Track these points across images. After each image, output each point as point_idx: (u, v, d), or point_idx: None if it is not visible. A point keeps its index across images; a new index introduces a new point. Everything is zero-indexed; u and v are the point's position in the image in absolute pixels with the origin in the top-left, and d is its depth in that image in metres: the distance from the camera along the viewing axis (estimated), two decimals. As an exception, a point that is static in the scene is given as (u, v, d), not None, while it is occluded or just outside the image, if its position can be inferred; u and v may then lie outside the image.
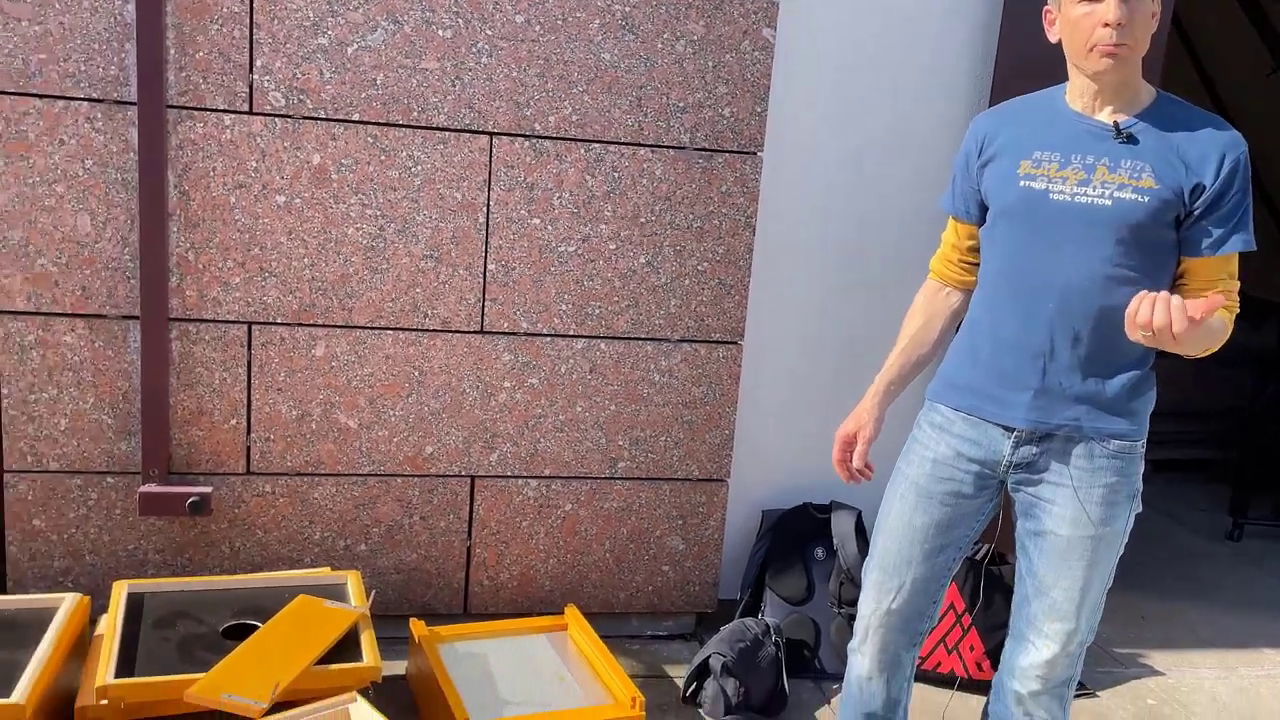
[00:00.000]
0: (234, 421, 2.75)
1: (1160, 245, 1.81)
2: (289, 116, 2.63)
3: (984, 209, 1.96)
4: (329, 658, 2.25)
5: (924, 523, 2.00)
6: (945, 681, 2.94)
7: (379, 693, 2.20)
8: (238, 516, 2.79)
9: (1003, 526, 2.70)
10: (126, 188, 2.58)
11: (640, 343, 2.92)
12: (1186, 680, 3.11)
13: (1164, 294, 1.62)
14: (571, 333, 2.88)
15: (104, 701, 2.09)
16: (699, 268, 2.90)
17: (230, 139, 2.61)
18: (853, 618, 2.99)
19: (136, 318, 2.64)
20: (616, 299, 2.88)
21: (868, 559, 2.12)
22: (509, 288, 2.83)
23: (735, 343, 2.97)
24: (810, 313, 3.20)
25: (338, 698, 2.04)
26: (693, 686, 2.79)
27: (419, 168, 2.72)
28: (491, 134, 2.73)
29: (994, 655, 2.90)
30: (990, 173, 1.91)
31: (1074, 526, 1.88)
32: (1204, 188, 1.77)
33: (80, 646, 2.41)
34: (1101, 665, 3.17)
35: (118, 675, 2.12)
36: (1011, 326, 1.88)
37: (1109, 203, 1.78)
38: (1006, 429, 1.90)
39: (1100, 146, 1.81)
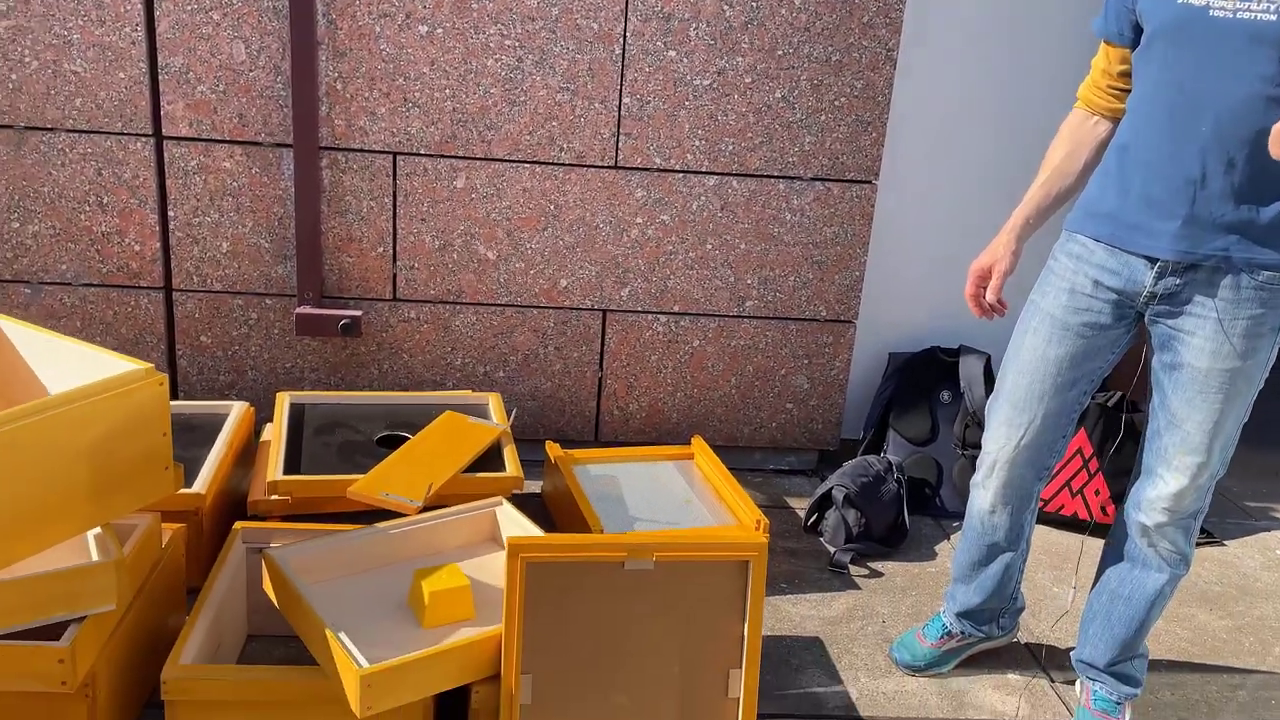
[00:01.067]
0: (381, 249, 2.87)
1: None
2: (431, -56, 2.64)
3: (1138, 31, 1.87)
4: (474, 468, 2.40)
5: (1058, 355, 1.99)
6: (1067, 524, 2.97)
7: (516, 506, 2.34)
8: (385, 340, 2.94)
9: (1136, 373, 2.67)
10: (278, 15, 2.65)
11: (773, 180, 2.91)
12: (1319, 536, 3.07)
13: None
14: (704, 169, 2.88)
15: (274, 496, 2.28)
16: (836, 103, 2.86)
17: (375, -33, 2.65)
18: (976, 459, 3.03)
19: (289, 145, 2.75)
20: (750, 135, 2.87)
21: (993, 395, 2.13)
22: (643, 122, 2.84)
23: (870, 182, 2.94)
24: (949, 152, 3.13)
25: (486, 500, 2.19)
26: (814, 516, 2.88)
27: (557, -3, 2.72)
28: (630, -38, 2.70)
29: (1119, 500, 2.91)
30: None
31: (1214, 359, 1.85)
32: None
33: (246, 451, 2.62)
34: (1231, 517, 3.14)
35: (286, 472, 2.30)
36: (1162, 152, 1.81)
37: (1274, 17, 1.68)
38: (1150, 260, 1.86)
39: None
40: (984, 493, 2.17)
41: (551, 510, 2.76)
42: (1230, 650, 2.49)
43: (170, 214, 2.78)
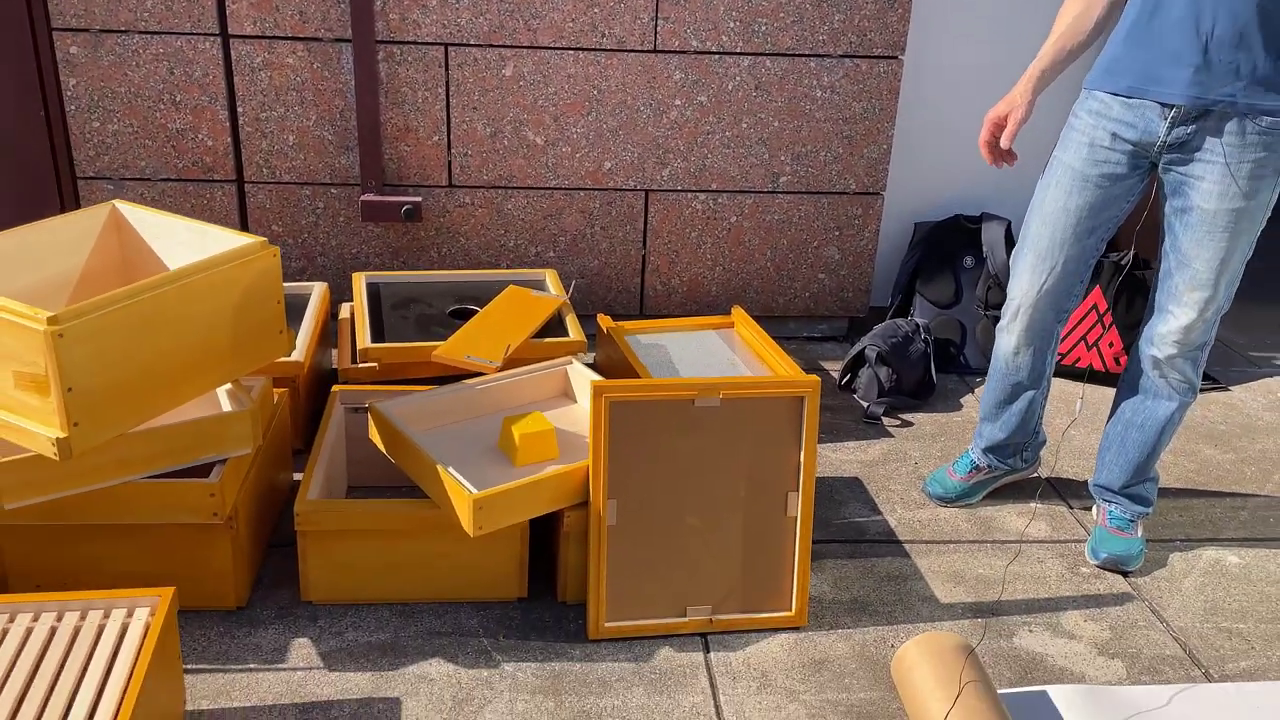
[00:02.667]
0: (436, 138, 3.05)
1: None
2: None
3: None
4: (540, 335, 2.62)
5: (1078, 204, 2.18)
6: (1082, 376, 3.19)
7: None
8: (442, 224, 3.14)
9: (1145, 230, 2.87)
10: (332, -85, 2.79)
11: (804, 59, 3.06)
12: (1318, 381, 3.30)
13: None
14: (739, 49, 3.04)
15: (364, 364, 2.51)
16: (864, -18, 2.99)
17: None
18: (997, 319, 3.25)
19: (348, 40, 2.91)
20: (782, 15, 3.01)
21: (1018, 246, 2.33)
22: (680, 6, 2.98)
23: (896, 58, 3.08)
24: (973, 26, 3.27)
25: (557, 360, 2.42)
26: (848, 376, 3.11)
27: (596, -113, 2.84)
28: None
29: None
30: None
31: (1220, 200, 2.04)
32: None
33: (325, 330, 2.85)
34: (1235, 365, 3.37)
35: (373, 342, 2.53)
36: (1177, 4, 1.98)
37: None
38: (1165, 107, 2.04)
39: None
40: (1009, 336, 2.39)
41: (606, 376, 2.99)
42: (1233, 479, 2.74)
43: (239, 110, 2.96)
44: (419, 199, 3.07)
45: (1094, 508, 2.48)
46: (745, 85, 3.08)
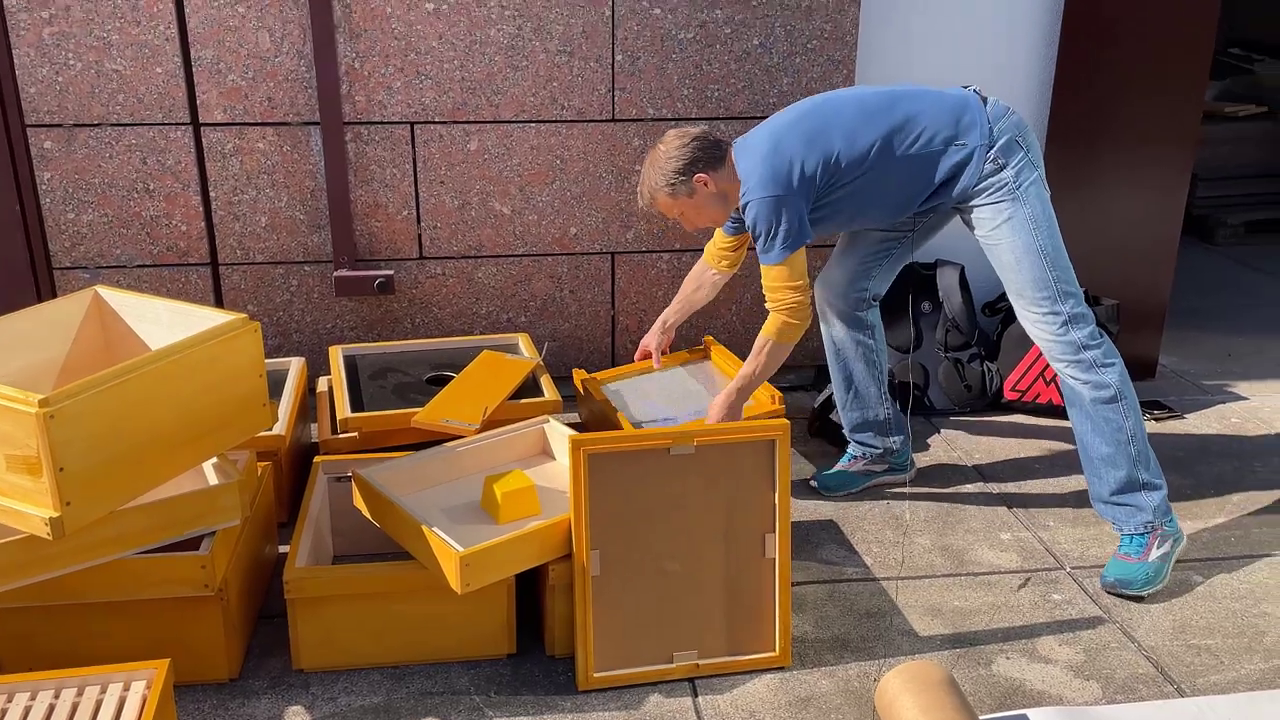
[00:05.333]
0: (406, 213, 3.14)
1: None
2: (431, -72, 2.89)
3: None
4: (516, 397, 2.69)
5: None
6: (1043, 411, 3.30)
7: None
8: (415, 296, 3.22)
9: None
10: (298, 4, 2.90)
11: (757, 120, 3.18)
12: (1268, 403, 3.41)
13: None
14: (694, 115, 3.16)
15: (344, 433, 2.56)
16: (808, 46, 3.14)
17: (382, -47, 2.89)
18: (958, 362, 3.35)
19: (316, 123, 3.01)
20: (733, 80, 3.15)
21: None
22: (635, 77, 3.11)
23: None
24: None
25: (534, 418, 2.48)
26: (817, 422, 3.19)
27: (549, -32, 2.97)
28: (613, -69, 2.96)
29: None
30: None
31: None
32: None
33: (304, 404, 2.90)
34: (1188, 394, 3.48)
35: (352, 411, 2.59)
36: None
37: None
38: None
39: None
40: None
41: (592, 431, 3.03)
42: (1193, 502, 2.83)
43: (211, 194, 3.04)
44: (391, 272, 3.14)
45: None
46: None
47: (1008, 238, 2.41)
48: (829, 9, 3.10)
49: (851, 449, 2.88)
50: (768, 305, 2.48)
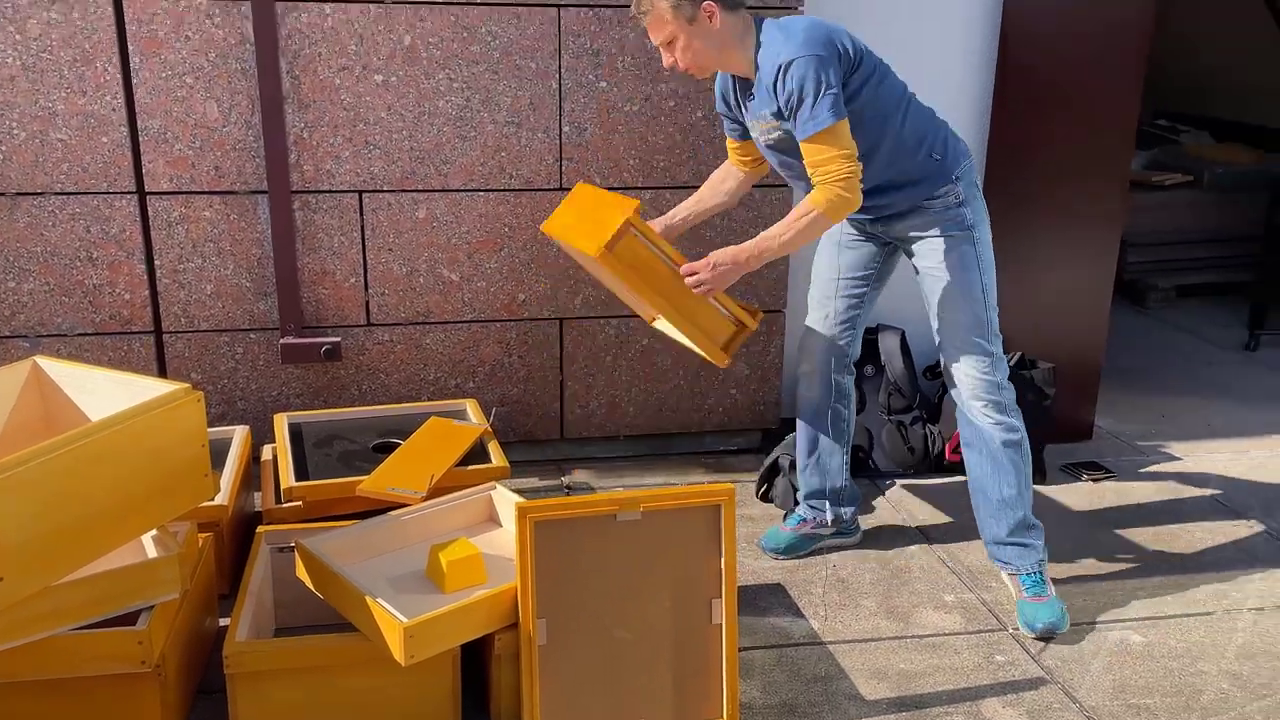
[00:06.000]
0: (353, 280, 3.15)
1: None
2: (381, 2, 2.95)
3: None
4: (463, 463, 2.68)
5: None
6: (985, 472, 3.36)
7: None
8: (362, 362, 3.21)
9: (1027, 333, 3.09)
10: (246, 76, 2.93)
11: (702, 189, 3.26)
12: (1202, 463, 3.51)
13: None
14: (640, 184, 3.22)
15: (289, 502, 2.54)
16: (751, 118, 3.22)
17: (332, 26, 2.94)
18: (901, 425, 3.41)
19: (264, 192, 3.02)
20: (677, 151, 3.22)
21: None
22: (582, 147, 3.17)
23: (786, 186, 3.30)
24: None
25: (481, 485, 2.48)
26: (764, 486, 3.22)
27: (497, 42, 3.04)
28: (559, 6, 3.04)
29: (1028, 447, 3.30)
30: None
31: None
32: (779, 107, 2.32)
33: (247, 474, 2.87)
34: (1123, 455, 3.57)
35: (297, 480, 2.57)
36: None
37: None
38: None
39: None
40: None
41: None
42: (1131, 562, 2.89)
43: (156, 263, 3.02)
44: (338, 339, 3.14)
45: (1003, 577, 2.62)
46: (649, 216, 3.25)
47: (958, 273, 2.49)
48: (770, 83, 3.20)
49: (802, 511, 2.90)
50: (815, 179, 2.31)
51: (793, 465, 3.12)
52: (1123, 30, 3.36)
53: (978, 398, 2.54)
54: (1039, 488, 3.28)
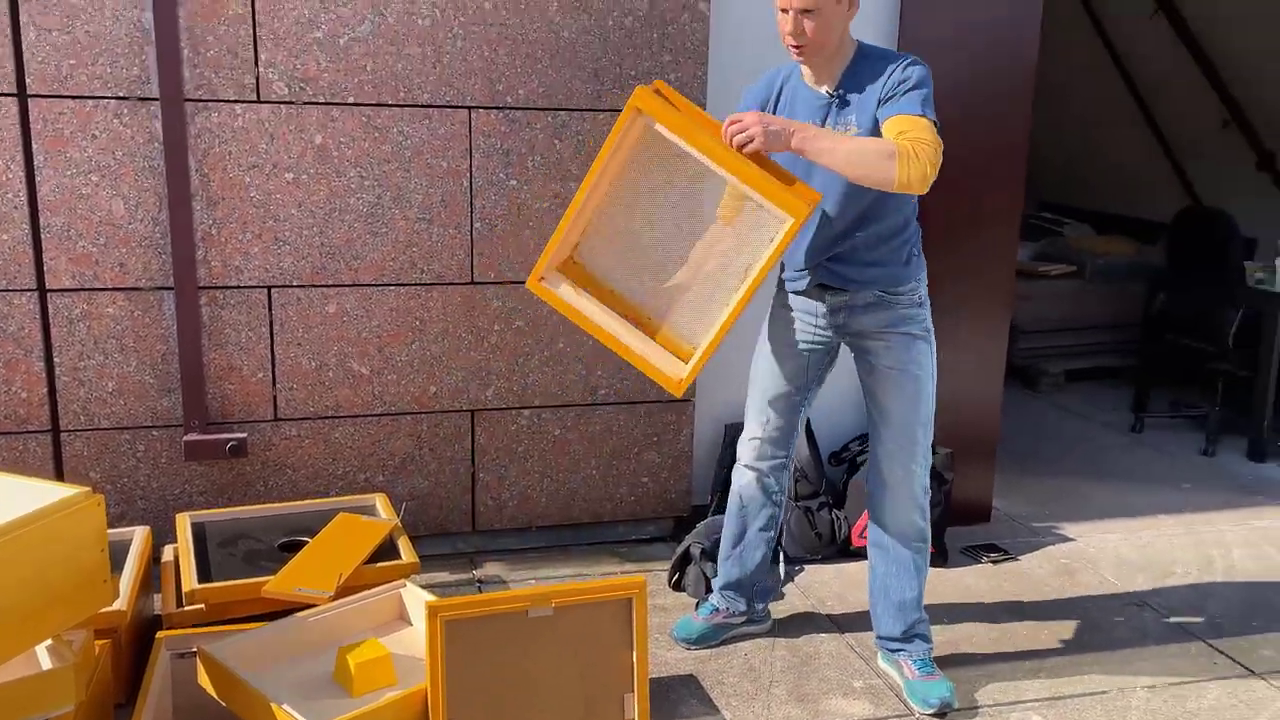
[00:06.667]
0: (261, 375, 3.12)
1: None
2: (292, 103, 2.99)
3: None
4: (373, 560, 2.66)
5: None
6: (890, 556, 3.44)
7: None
8: (269, 458, 3.17)
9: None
10: (154, 174, 2.93)
11: (611, 283, 3.33)
12: (1094, 543, 3.65)
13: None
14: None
15: (190, 606, 2.48)
16: (657, 215, 3.33)
17: (242, 125, 2.97)
18: (808, 510, 3.48)
19: (170, 288, 3.00)
20: (587, 247, 3.30)
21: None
22: (493, 242, 3.23)
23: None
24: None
25: (391, 583, 2.46)
26: (676, 575, 3.24)
27: (409, 141, 3.10)
28: (470, 108, 3.12)
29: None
30: None
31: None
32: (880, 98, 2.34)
33: (147, 576, 2.79)
34: (1021, 536, 3.69)
35: (199, 582, 2.51)
36: None
37: None
38: None
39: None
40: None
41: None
42: (1031, 643, 2.98)
43: (56, 360, 2.96)
44: (244, 435, 3.10)
45: (893, 666, 2.71)
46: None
47: (915, 373, 2.56)
48: (675, 181, 3.32)
49: (715, 600, 2.93)
50: (902, 140, 2.23)
51: (704, 553, 3.17)
52: (1004, 124, 3.57)
53: (912, 497, 2.62)
54: (941, 570, 3.37)
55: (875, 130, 2.34)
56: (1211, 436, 4.61)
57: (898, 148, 2.21)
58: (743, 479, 2.82)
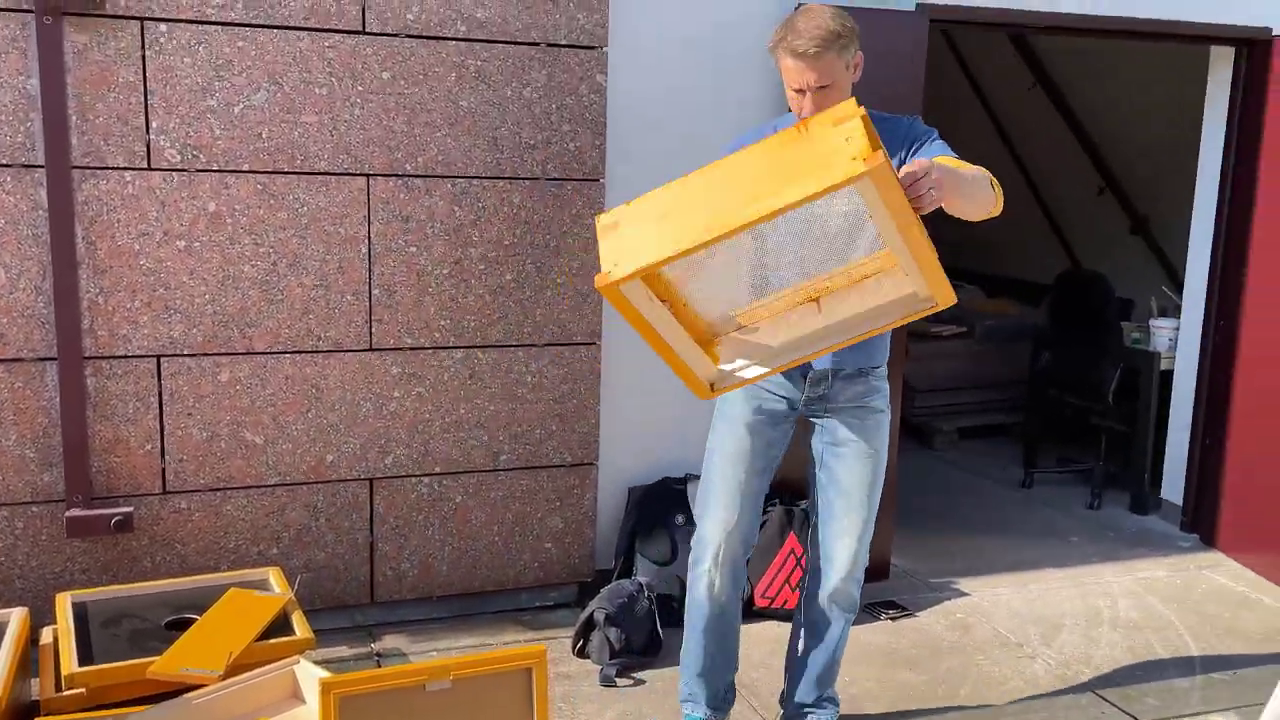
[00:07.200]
0: (149, 446, 3.03)
1: None
2: (185, 170, 2.96)
3: None
4: (265, 636, 2.58)
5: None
6: (786, 616, 3.47)
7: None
8: (157, 533, 3.07)
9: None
10: (38, 242, 2.85)
11: (512, 349, 3.35)
12: (988, 598, 3.74)
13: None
14: (451, 344, 3.28)
15: (70, 691, 2.37)
16: (558, 280, 3.36)
17: (132, 193, 2.92)
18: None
19: (53, 359, 2.91)
20: (489, 312, 3.31)
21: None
22: (392, 309, 3.21)
23: (594, 343, 3.44)
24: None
25: (284, 660, 2.39)
26: (580, 641, 3.22)
27: (305, 209, 3.08)
28: (368, 175, 3.12)
29: (830, 589, 3.45)
30: None
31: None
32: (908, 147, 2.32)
33: (25, 660, 2.66)
34: (918, 592, 3.77)
35: (80, 665, 2.40)
36: None
37: None
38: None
39: None
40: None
41: None
42: (927, 698, 3.03)
43: (-72, 434, 2.84)
44: (130, 509, 3.00)
45: None
46: (460, 375, 3.31)
47: (883, 448, 2.52)
48: (575, 248, 3.36)
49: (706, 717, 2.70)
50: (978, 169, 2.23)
51: (609, 619, 3.15)
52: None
53: (856, 573, 2.57)
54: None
55: None
56: (1096, 490, 4.79)
57: (984, 172, 2.20)
58: (715, 582, 2.57)
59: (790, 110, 2.36)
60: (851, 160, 1.79)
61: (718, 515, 2.56)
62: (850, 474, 2.52)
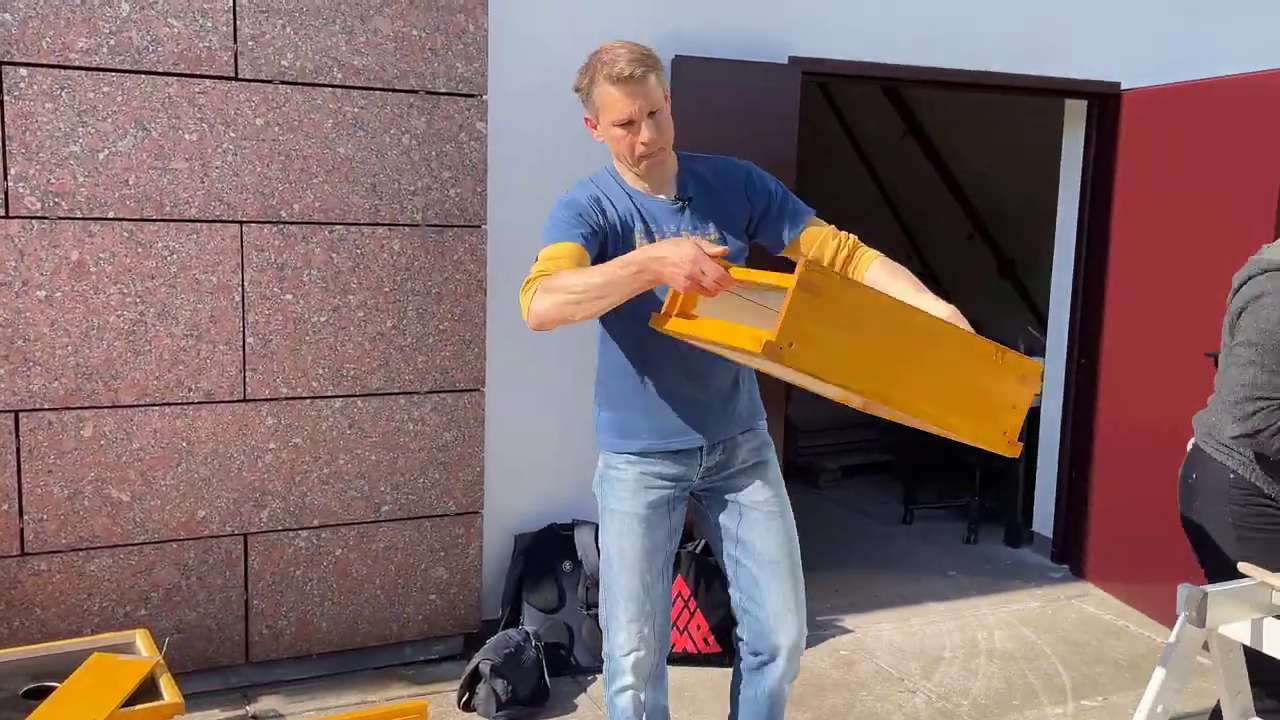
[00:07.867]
0: (5, 506, 2.89)
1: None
2: (45, 218, 2.85)
3: None
4: (131, 702, 2.46)
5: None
6: (678, 659, 3.48)
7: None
8: (14, 597, 2.91)
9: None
10: (-118, 292, 2.71)
11: (393, 396, 3.30)
12: (871, 634, 3.82)
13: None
14: (329, 393, 3.22)
15: (-90, 771, 2.22)
16: (440, 327, 3.34)
17: (-12, 240, 2.80)
18: (598, 616, 3.48)
19: (-102, 415, 2.75)
20: (368, 360, 3.26)
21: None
22: (267, 358, 3.14)
23: (478, 390, 3.41)
24: (543, 359, 3.69)
25: (149, 728, 2.28)
26: (466, 694, 3.16)
27: (174, 256, 3.00)
28: (241, 222, 3.06)
29: (717, 631, 3.47)
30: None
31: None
32: (750, 208, 2.25)
33: None
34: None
35: (-77, 744, 2.25)
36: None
37: None
38: None
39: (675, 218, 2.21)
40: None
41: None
42: (814, 735, 3.07)
43: None
44: (-16, 573, 2.85)
45: None
46: (339, 425, 3.25)
47: (787, 499, 2.38)
48: (458, 294, 3.34)
49: None
50: (838, 238, 2.27)
51: (494, 670, 3.11)
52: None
53: (799, 650, 2.35)
54: (728, 669, 3.43)
55: (741, 237, 2.26)
56: (973, 525, 4.94)
57: (879, 254, 2.27)
58: (642, 695, 2.30)
59: (615, 157, 2.24)
60: (1003, 434, 1.84)
61: (632, 629, 2.27)
62: (767, 539, 2.31)
